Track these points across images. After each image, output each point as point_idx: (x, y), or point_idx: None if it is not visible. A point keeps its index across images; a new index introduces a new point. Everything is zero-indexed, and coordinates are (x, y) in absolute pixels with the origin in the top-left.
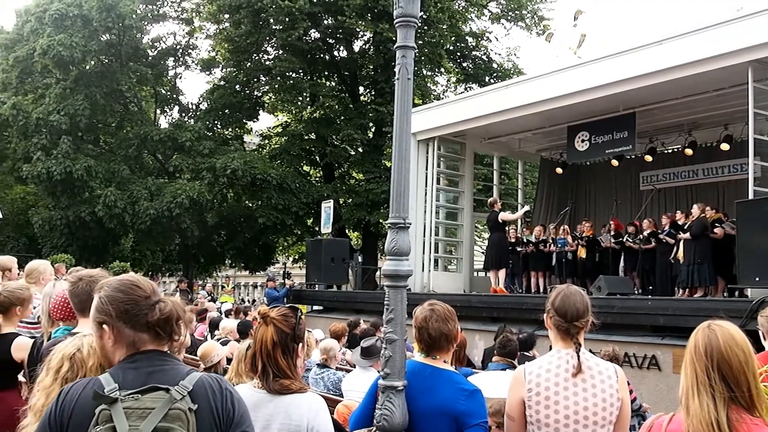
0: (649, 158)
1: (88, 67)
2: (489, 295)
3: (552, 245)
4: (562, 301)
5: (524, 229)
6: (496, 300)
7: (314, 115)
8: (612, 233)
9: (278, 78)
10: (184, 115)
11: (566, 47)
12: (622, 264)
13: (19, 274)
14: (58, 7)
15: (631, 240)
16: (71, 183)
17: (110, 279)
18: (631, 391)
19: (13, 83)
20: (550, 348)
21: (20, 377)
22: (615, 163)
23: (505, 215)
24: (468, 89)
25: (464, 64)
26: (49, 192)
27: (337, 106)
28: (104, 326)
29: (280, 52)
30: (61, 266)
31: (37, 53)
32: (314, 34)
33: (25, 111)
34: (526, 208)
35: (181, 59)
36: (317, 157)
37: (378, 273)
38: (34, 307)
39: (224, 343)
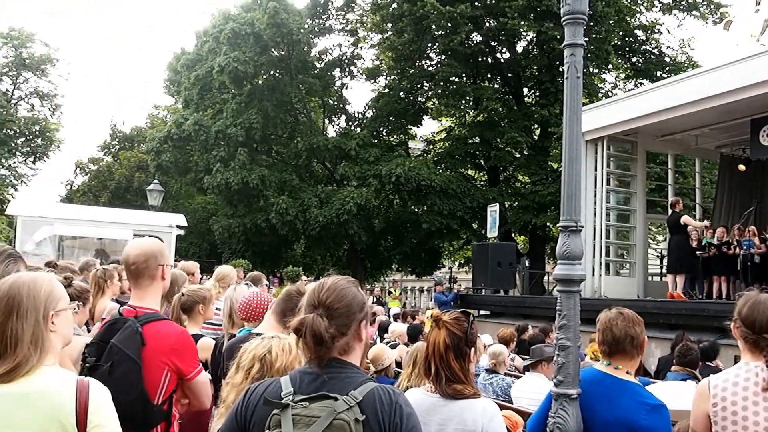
0: None
1: (260, 82)
2: (666, 301)
3: (737, 248)
4: (750, 311)
5: (706, 231)
6: (673, 306)
7: (478, 118)
8: None
9: (441, 83)
10: (350, 123)
11: (747, 35)
12: None
13: (201, 278)
14: (232, 26)
15: None
16: (247, 192)
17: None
18: None
19: (195, 100)
20: (735, 359)
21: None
22: None
23: (688, 219)
24: (638, 85)
25: (633, 60)
26: (228, 201)
27: (500, 109)
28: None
29: (443, 57)
30: (239, 271)
31: (215, 71)
32: (476, 37)
33: (206, 126)
34: (706, 223)
35: (347, 69)
36: (481, 161)
37: (546, 277)
38: (218, 309)
39: (393, 347)
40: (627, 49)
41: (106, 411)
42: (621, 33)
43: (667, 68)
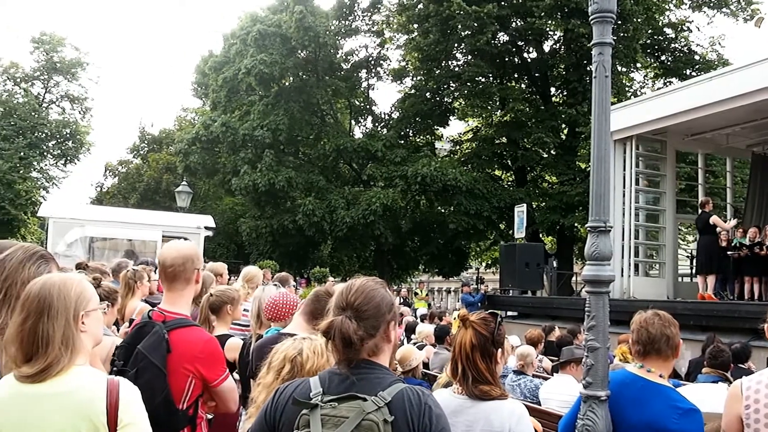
0: None
1: (287, 84)
2: (696, 302)
3: None
4: None
5: (736, 232)
6: (704, 307)
7: (504, 118)
8: None
9: (468, 83)
10: (377, 124)
11: None
12: None
13: (229, 279)
14: (259, 28)
15: None
16: (274, 194)
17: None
18: None
19: (222, 102)
20: (767, 361)
21: (234, 375)
22: None
23: (717, 219)
24: (667, 84)
25: (662, 58)
26: (255, 202)
27: (527, 109)
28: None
29: (469, 57)
30: (267, 272)
31: (242, 72)
32: (503, 37)
33: (233, 128)
34: (734, 222)
35: (373, 70)
36: (509, 161)
37: (574, 278)
38: (245, 310)
39: (420, 348)
40: (656, 47)
41: (136, 410)
42: (650, 31)
43: (697, 66)
